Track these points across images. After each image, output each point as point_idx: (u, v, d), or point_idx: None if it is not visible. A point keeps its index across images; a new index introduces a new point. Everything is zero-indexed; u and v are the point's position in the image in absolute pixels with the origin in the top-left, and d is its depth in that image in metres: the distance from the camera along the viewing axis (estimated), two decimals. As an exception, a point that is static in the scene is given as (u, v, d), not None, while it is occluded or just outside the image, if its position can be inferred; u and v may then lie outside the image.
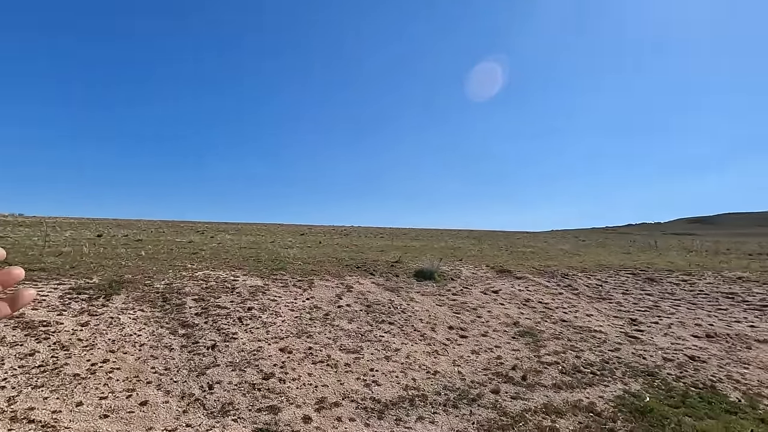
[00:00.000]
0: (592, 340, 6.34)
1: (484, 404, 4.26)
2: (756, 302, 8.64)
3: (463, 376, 4.92)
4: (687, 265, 12.51)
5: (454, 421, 3.91)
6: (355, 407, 4.09)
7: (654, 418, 4.03)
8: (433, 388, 4.58)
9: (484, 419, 3.95)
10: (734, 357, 5.90)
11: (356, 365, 5.00)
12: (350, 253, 13.07)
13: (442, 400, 4.31)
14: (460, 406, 4.21)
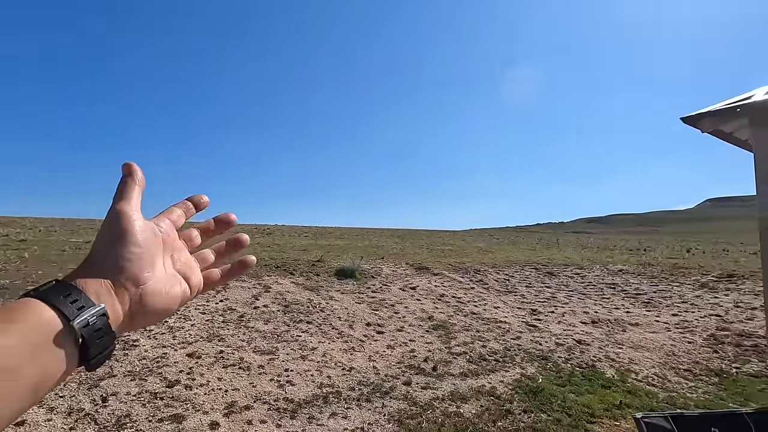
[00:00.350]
0: (498, 330, 6.88)
1: (396, 396, 4.44)
2: (632, 291, 10.00)
3: (377, 371, 5.06)
4: (580, 260, 14.05)
5: (366, 415, 4.02)
6: (267, 409, 4.02)
7: (544, 397, 4.50)
8: (348, 384, 4.65)
9: (395, 410, 4.11)
10: (612, 339, 6.79)
11: (270, 366, 4.90)
12: (271, 252, 12.71)
13: (355, 396, 4.40)
14: (373, 399, 4.33)
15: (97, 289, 0.36)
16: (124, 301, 0.38)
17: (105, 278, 0.38)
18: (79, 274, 0.38)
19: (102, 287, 0.37)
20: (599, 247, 23.51)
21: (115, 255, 0.39)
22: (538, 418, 4.05)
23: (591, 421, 4.01)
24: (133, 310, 0.39)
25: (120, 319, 0.38)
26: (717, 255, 17.50)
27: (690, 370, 5.73)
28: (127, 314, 0.38)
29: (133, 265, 0.39)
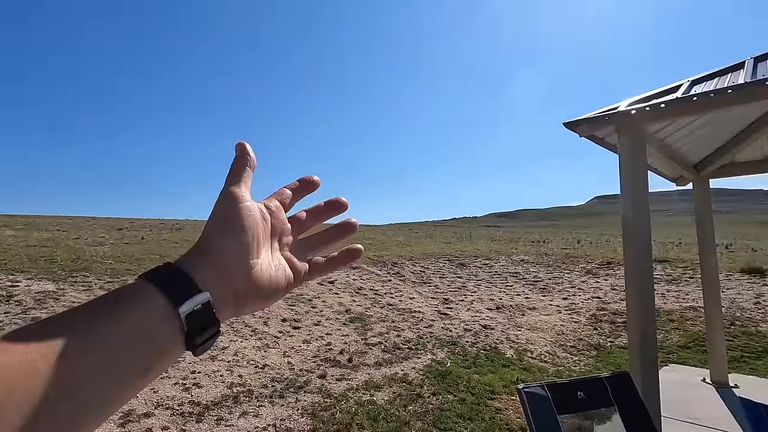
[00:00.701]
0: (412, 320, 7.17)
1: (311, 390, 4.43)
2: (531, 279, 11.03)
3: (292, 366, 5.00)
4: (489, 251, 15.14)
5: (279, 411, 3.96)
6: (170, 414, 3.77)
7: (451, 379, 4.81)
8: (261, 382, 4.54)
9: (308, 404, 4.11)
10: (513, 323, 7.45)
11: (175, 370, 4.59)
12: (180, 249, 11.82)
13: (268, 393, 4.30)
14: (287, 395, 4.28)
15: (204, 275, 0.36)
16: (229, 288, 0.37)
17: (212, 263, 0.37)
18: (189, 258, 0.37)
19: (209, 273, 0.36)
20: (506, 239, 25.51)
21: (224, 240, 0.38)
22: (445, 399, 4.31)
23: (491, 398, 4.37)
24: (239, 297, 0.38)
25: (225, 306, 0.37)
26: (600, 245, 19.97)
27: (575, 346, 6.50)
28: (232, 301, 0.38)
29: (241, 251, 0.38)
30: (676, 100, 2.56)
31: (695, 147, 4.66)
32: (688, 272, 10.36)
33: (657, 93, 2.91)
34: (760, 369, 5.40)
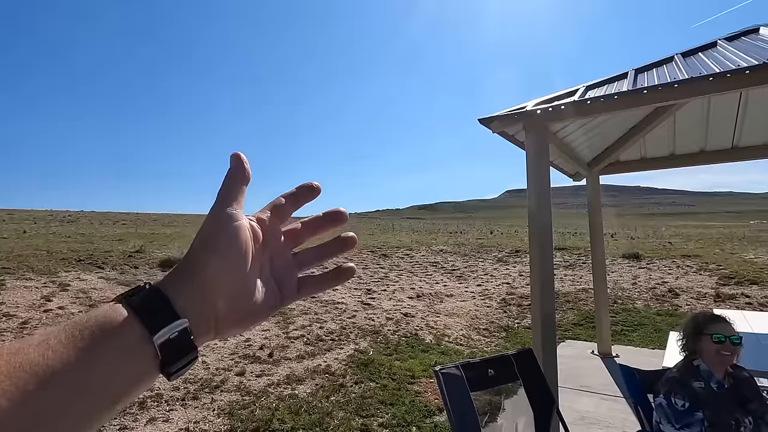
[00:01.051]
0: (335, 311, 7.17)
1: (228, 388, 4.23)
2: (449, 268, 11.62)
3: (207, 366, 4.72)
4: (410, 242, 15.64)
5: (193, 413, 3.73)
6: (62, 429, 3.36)
7: (374, 367, 4.91)
8: (171, 385, 4.22)
9: (225, 403, 3.92)
10: (432, 310, 7.79)
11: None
12: (72, 243, 10.50)
13: (180, 395, 4.02)
14: (201, 396, 4.04)
15: (185, 300, 0.34)
16: (211, 313, 0.36)
17: (196, 285, 0.35)
18: (171, 279, 0.36)
19: (190, 296, 0.35)
20: (427, 231, 26.55)
21: (210, 262, 0.36)
22: (367, 387, 4.39)
23: (411, 382, 4.54)
24: (221, 321, 0.36)
25: (205, 332, 0.36)
26: (511, 236, 21.69)
27: (487, 329, 7.00)
28: (213, 326, 0.36)
29: (227, 274, 0.36)
30: (573, 102, 2.84)
31: (589, 147, 5.23)
32: (582, 258, 11.67)
33: (558, 95, 3.20)
34: (635, 339, 6.28)
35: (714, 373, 1.88)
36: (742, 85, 2.36)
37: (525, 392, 2.10)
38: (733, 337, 1.87)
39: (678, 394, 1.84)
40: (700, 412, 1.78)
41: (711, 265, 10.04)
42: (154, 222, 26.85)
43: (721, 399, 1.82)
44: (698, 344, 1.92)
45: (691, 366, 1.93)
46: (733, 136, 4.95)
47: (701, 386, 1.84)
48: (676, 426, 1.82)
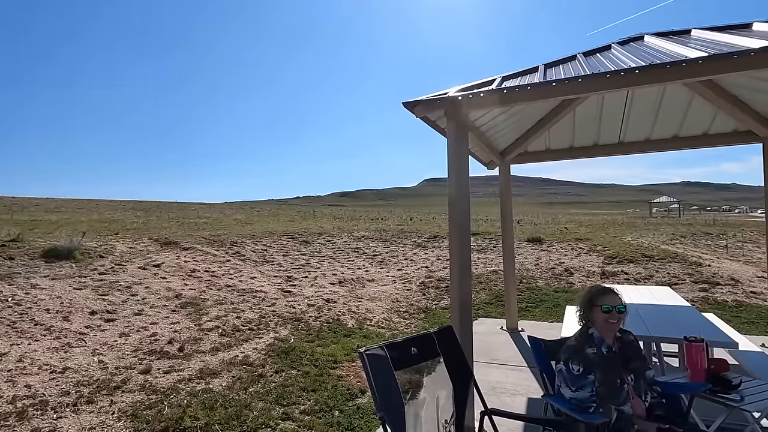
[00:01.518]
0: (253, 300, 6.86)
1: (131, 388, 3.83)
2: (371, 253, 11.75)
3: (105, 365, 4.23)
4: (332, 229, 15.52)
5: (87, 419, 3.32)
6: None
7: (295, 355, 4.79)
8: (60, 389, 3.71)
9: (128, 404, 3.55)
10: (354, 295, 7.83)
11: None
12: None
13: (71, 400, 3.56)
14: (98, 399, 3.61)
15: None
16: None
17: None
18: None
19: None
20: (348, 217, 26.55)
21: None
22: (288, 375, 4.28)
23: (334, 367, 4.52)
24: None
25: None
26: (429, 222, 22.57)
27: (407, 311, 7.23)
28: None
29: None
30: (493, 90, 2.97)
31: (502, 137, 5.57)
32: (493, 243, 12.54)
33: (477, 84, 3.33)
34: (537, 314, 6.93)
35: (605, 339, 2.13)
36: (632, 84, 2.64)
37: (445, 367, 2.18)
38: (618, 306, 2.12)
39: (574, 360, 2.05)
40: (591, 375, 2.01)
41: (598, 247, 11.43)
42: (36, 207, 23.32)
43: (609, 361, 2.07)
44: (591, 314, 2.16)
45: (586, 334, 2.16)
46: (620, 132, 5.60)
47: (594, 351, 2.07)
48: (572, 389, 2.03)
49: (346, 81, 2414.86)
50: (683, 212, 53.59)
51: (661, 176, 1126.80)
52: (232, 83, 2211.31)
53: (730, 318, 6.11)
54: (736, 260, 10.81)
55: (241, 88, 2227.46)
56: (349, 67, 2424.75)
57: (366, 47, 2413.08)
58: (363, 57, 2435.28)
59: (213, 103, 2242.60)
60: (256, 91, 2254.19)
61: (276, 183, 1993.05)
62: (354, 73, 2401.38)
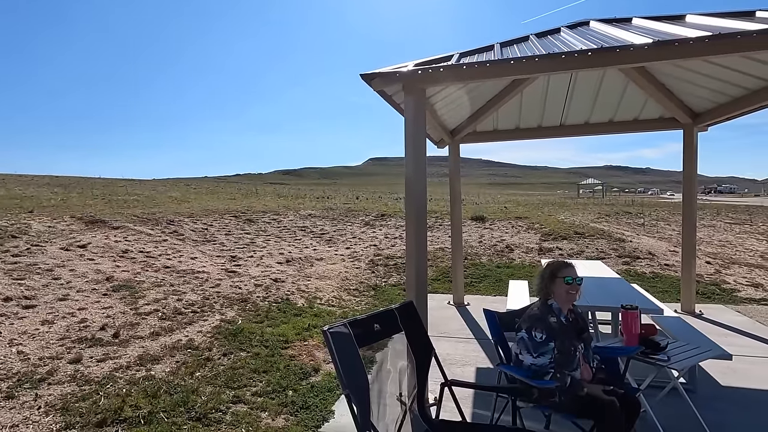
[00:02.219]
0: (195, 281, 6.50)
1: (58, 380, 3.50)
2: (318, 232, 11.57)
3: (25, 356, 3.82)
4: (277, 207, 15.04)
5: (8, 416, 2.98)
6: None
7: (243, 336, 4.63)
8: (-29, 385, 3.30)
9: (56, 397, 3.24)
10: (302, 274, 7.69)
11: None
12: None
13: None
14: (19, 393, 3.26)
15: None
16: None
17: None
18: None
19: None
20: (293, 195, 25.89)
21: None
22: (237, 357, 4.13)
23: (285, 347, 4.43)
24: None
25: None
26: (375, 201, 22.62)
27: (357, 288, 7.24)
28: None
29: None
30: (452, 66, 2.95)
31: (453, 115, 5.62)
32: (439, 221, 12.85)
33: (435, 59, 3.29)
34: (481, 289, 7.25)
35: (563, 310, 2.26)
36: (584, 66, 2.74)
37: (407, 342, 2.20)
38: (577, 278, 2.25)
39: (538, 328, 2.16)
40: (552, 343, 2.13)
41: (536, 225, 12.12)
42: (-76, 181, 20.26)
43: (567, 330, 2.21)
44: (552, 287, 2.27)
45: (546, 305, 2.28)
46: (562, 115, 5.88)
47: (555, 321, 2.20)
48: (533, 355, 2.15)
49: (284, 54, 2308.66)
50: (606, 193, 58.40)
51: (587, 160, 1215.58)
52: (154, 51, 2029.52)
53: (648, 288, 6.79)
54: (652, 236, 12.00)
55: (165, 56, 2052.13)
56: (286, 38, 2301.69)
57: (300, 20, 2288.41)
58: (302, 28, 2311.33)
59: (135, 71, 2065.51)
60: (182, 59, 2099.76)
61: (212, 159, 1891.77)
62: (294, 45, 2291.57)
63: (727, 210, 22.88)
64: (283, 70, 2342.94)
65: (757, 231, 15.53)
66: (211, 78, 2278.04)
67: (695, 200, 5.67)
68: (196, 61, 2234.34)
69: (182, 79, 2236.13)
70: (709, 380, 3.59)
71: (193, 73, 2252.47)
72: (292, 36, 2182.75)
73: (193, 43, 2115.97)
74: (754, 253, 10.54)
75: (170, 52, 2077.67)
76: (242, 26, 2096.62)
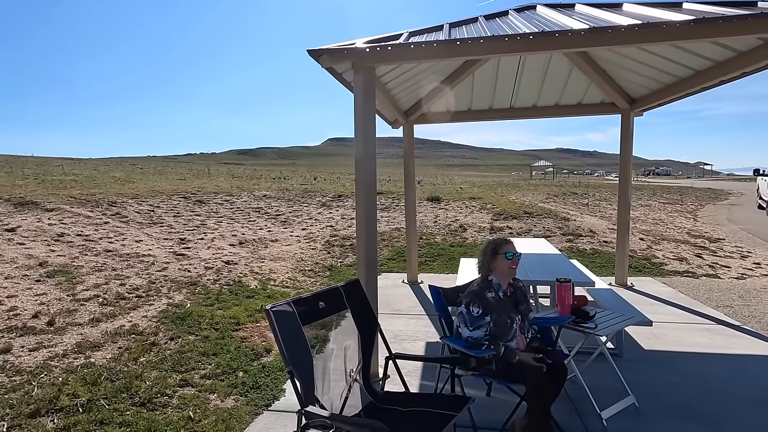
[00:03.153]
0: (140, 265, 6.22)
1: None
2: (273, 213, 11.35)
3: (-55, 348, 3.53)
4: (230, 188, 14.55)
5: (-75, 412, 2.77)
6: None
7: (192, 320, 4.51)
8: None
9: (-18, 390, 3.03)
10: (256, 255, 7.55)
11: None
12: None
13: None
14: (-62, 387, 3.02)
15: None
16: None
17: None
18: None
19: None
20: (248, 176, 25.10)
21: None
22: (186, 341, 4.03)
23: (236, 329, 4.38)
24: None
25: None
26: (333, 182, 22.41)
27: (312, 269, 7.22)
28: None
29: None
30: (401, 44, 2.94)
31: (407, 95, 5.62)
32: (395, 202, 12.97)
33: (384, 37, 3.26)
34: (435, 267, 7.45)
35: (502, 285, 2.39)
36: (527, 49, 2.83)
37: (352, 318, 2.24)
38: (517, 254, 2.38)
39: (475, 303, 2.28)
40: (488, 317, 2.26)
41: (488, 205, 12.53)
42: None
43: (504, 304, 2.34)
44: (494, 262, 2.39)
45: (486, 280, 2.40)
46: (512, 97, 6.05)
47: (492, 296, 2.32)
48: (470, 328, 2.27)
49: (243, 28, 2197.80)
50: (556, 175, 61.16)
51: (540, 142, 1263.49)
52: (103, 26, 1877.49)
53: (587, 263, 7.26)
54: (594, 216, 12.78)
55: (115, 31, 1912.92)
56: (244, 12, 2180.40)
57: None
58: (261, 3, 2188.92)
59: (74, 41, 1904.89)
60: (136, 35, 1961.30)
61: (162, 138, 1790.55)
62: (253, 20, 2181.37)
63: (662, 191, 24.73)
64: (242, 45, 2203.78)
65: (686, 210, 16.94)
66: (165, 54, 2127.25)
67: (630, 181, 6.07)
68: (150, 36, 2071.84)
69: (133, 54, 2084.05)
70: (634, 345, 3.93)
71: (146, 49, 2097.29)
72: (251, 10, 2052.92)
73: (146, 19, 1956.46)
74: (681, 230, 11.51)
75: (122, 27, 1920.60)
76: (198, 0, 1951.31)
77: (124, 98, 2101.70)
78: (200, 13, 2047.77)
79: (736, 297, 5.67)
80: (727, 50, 3.61)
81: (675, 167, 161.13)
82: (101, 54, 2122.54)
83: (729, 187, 33.71)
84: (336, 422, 1.67)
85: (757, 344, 3.98)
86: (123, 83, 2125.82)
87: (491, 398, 2.94)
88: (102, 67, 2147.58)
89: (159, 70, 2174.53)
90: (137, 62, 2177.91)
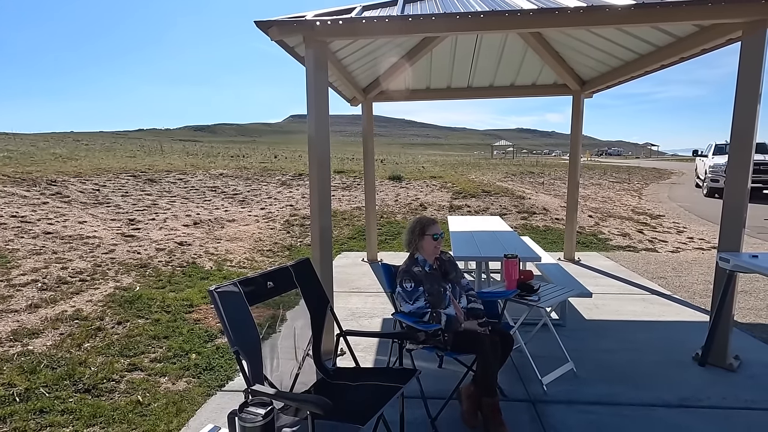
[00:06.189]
0: (85, 248, 5.89)
1: None
2: (230, 192, 11.01)
3: None
4: (184, 166, 13.94)
5: None
6: None
7: (142, 303, 4.36)
8: None
9: None
10: (212, 236, 7.33)
11: None
12: None
13: None
14: None
15: None
16: None
17: None
18: None
19: None
20: (204, 154, 24.10)
21: None
22: (134, 324, 3.90)
23: (189, 311, 4.27)
24: None
25: None
26: (294, 160, 21.93)
27: (271, 249, 7.12)
28: None
29: None
30: (351, 19, 2.86)
31: (364, 73, 5.53)
32: (357, 181, 12.90)
33: (336, 11, 3.16)
34: (395, 246, 7.55)
35: (428, 260, 2.55)
36: (477, 28, 2.83)
37: (302, 297, 2.24)
38: (441, 233, 2.62)
39: (406, 280, 2.43)
40: (421, 287, 2.40)
41: (448, 184, 12.73)
42: None
43: (432, 275, 2.50)
44: (421, 242, 2.55)
45: (413, 258, 2.57)
46: (469, 77, 6.09)
47: (419, 270, 2.49)
48: (409, 302, 2.41)
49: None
50: (516, 155, 62.83)
51: (501, 122, 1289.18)
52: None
53: (539, 240, 7.58)
54: (548, 194, 13.30)
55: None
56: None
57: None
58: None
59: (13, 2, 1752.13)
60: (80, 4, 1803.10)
61: (110, 113, 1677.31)
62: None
63: (612, 170, 26.02)
64: (199, 15, 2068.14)
65: (632, 188, 17.96)
66: (117, 23, 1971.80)
67: (579, 161, 6.34)
68: (102, 3, 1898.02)
69: (82, 23, 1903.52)
70: (577, 316, 4.19)
71: (96, 17, 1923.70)
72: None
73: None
74: (627, 208, 12.22)
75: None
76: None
77: (69, 70, 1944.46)
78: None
79: (670, 269, 6.14)
80: (666, 35, 3.78)
81: (626, 148, 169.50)
82: (45, 22, 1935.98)
83: (672, 167, 35.95)
84: (280, 399, 1.68)
85: (684, 311, 4.35)
86: (68, 53, 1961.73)
87: (443, 369, 3.06)
88: (45, 36, 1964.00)
89: (108, 41, 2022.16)
90: (86, 32, 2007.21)
